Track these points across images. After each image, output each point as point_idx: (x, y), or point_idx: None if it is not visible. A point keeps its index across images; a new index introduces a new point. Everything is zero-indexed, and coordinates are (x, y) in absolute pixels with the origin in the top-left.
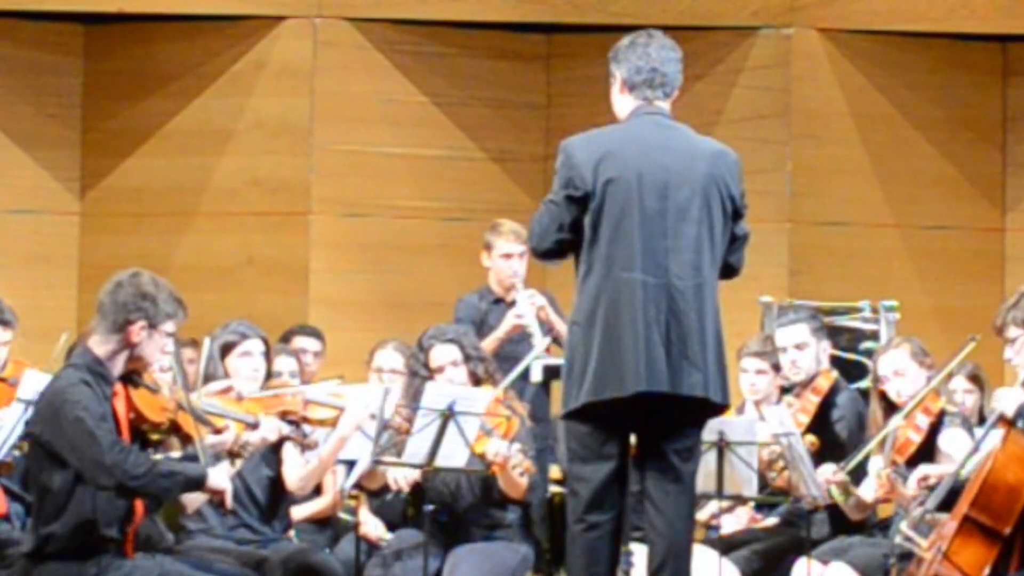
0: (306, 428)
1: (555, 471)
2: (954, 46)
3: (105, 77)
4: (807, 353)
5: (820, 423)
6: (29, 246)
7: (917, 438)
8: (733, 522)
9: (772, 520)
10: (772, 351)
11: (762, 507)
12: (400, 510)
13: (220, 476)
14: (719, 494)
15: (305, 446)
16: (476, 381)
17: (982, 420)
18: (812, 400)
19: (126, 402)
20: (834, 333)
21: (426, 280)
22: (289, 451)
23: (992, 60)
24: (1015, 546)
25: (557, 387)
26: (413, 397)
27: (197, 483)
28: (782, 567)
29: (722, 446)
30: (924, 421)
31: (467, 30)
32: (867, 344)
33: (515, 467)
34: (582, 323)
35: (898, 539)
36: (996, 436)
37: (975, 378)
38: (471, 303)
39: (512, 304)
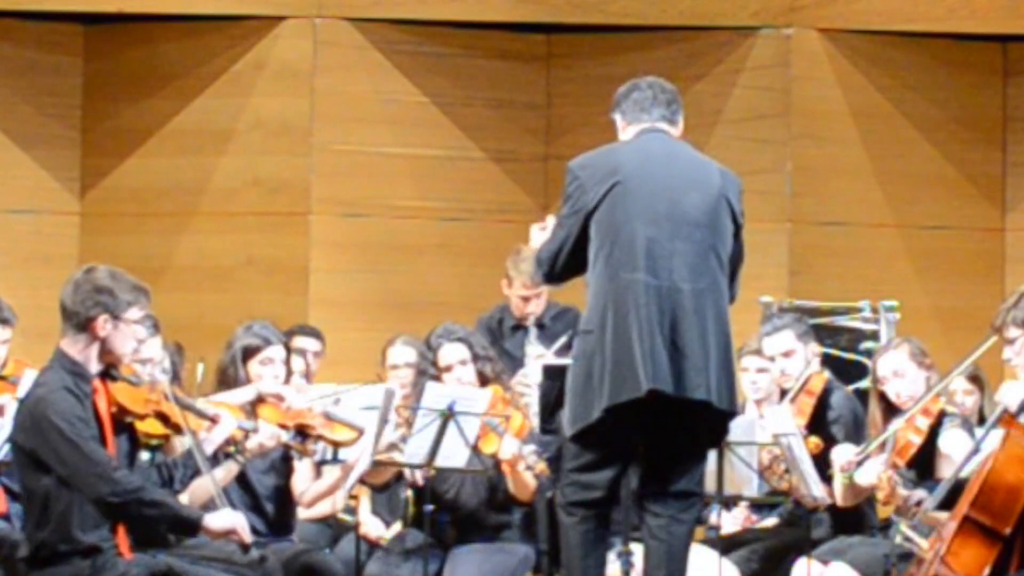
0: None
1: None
2: (954, 46)
3: (105, 77)
4: (795, 359)
5: (817, 424)
6: (29, 246)
7: (917, 440)
8: (730, 522)
9: (772, 520)
10: None
11: (761, 507)
12: (401, 509)
13: (223, 518)
14: (719, 494)
15: (303, 453)
16: (484, 381)
17: (982, 420)
18: (808, 402)
19: (106, 397)
20: (834, 333)
21: (426, 280)
22: (301, 463)
23: (992, 60)
24: (1015, 546)
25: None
26: (419, 396)
27: (189, 524)
28: (782, 567)
29: (722, 446)
30: (924, 423)
31: (467, 30)
32: (867, 344)
33: (529, 468)
34: (595, 330)
35: (898, 539)
36: (996, 436)
37: (975, 379)
38: (488, 326)
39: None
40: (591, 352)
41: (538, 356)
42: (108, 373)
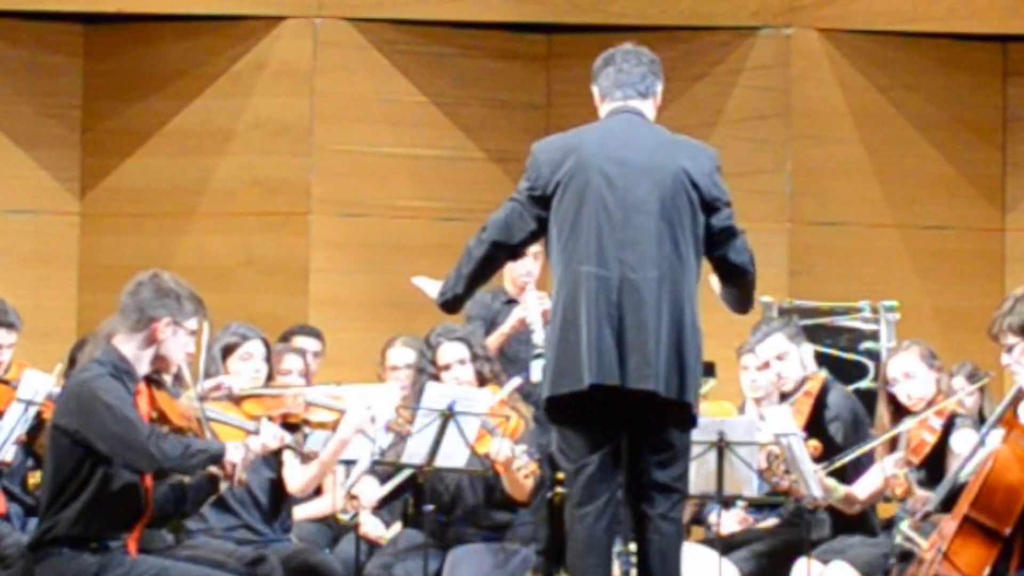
0: (307, 431)
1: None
2: (954, 46)
3: (105, 77)
4: (789, 361)
5: (815, 425)
6: (29, 246)
7: (931, 439)
8: (729, 522)
9: (772, 520)
10: None
11: (761, 507)
12: (400, 509)
13: (238, 451)
14: (719, 494)
15: (305, 456)
16: (482, 381)
17: (982, 420)
18: (805, 403)
19: (149, 401)
20: (834, 333)
21: None
22: (289, 454)
23: (992, 60)
24: (1015, 546)
25: None
26: (418, 395)
27: (218, 458)
28: (782, 567)
29: (722, 446)
30: (937, 422)
31: (467, 30)
32: (867, 344)
33: (519, 469)
34: (551, 319)
35: (898, 539)
36: (997, 436)
37: (974, 379)
38: (483, 302)
39: None
40: (547, 341)
41: (539, 297)
42: (152, 380)
